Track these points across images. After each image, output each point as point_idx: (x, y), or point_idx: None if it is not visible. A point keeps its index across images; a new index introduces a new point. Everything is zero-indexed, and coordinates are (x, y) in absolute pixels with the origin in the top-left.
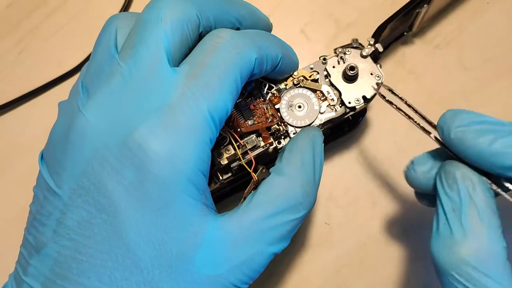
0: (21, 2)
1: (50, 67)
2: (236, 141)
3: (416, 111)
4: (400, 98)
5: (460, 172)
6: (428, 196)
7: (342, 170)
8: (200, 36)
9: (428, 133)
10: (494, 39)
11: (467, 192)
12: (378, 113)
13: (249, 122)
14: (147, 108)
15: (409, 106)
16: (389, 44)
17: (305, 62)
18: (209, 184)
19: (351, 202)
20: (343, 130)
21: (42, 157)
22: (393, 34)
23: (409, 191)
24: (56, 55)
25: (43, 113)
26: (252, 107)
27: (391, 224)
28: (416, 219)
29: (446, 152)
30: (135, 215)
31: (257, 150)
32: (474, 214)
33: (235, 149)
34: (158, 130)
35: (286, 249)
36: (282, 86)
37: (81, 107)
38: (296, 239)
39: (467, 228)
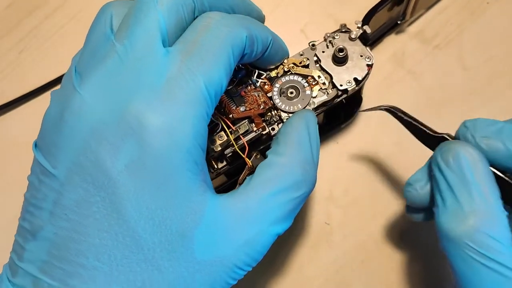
0: (21, 2)
1: (50, 67)
2: (229, 127)
3: (419, 124)
4: (405, 123)
5: (463, 149)
6: (422, 210)
7: (342, 170)
8: None
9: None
10: (494, 39)
11: (472, 166)
12: (379, 112)
13: (241, 109)
14: (144, 85)
15: (412, 121)
16: (384, 34)
17: None
18: None
19: (351, 202)
20: (339, 119)
21: (36, 145)
22: (387, 23)
23: None
24: (56, 55)
25: (43, 113)
26: (243, 93)
27: (391, 224)
28: None
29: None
30: (135, 191)
31: (250, 134)
32: (481, 185)
33: (227, 135)
34: (155, 103)
35: (286, 249)
36: (273, 74)
37: (76, 87)
38: (296, 239)
39: (476, 199)
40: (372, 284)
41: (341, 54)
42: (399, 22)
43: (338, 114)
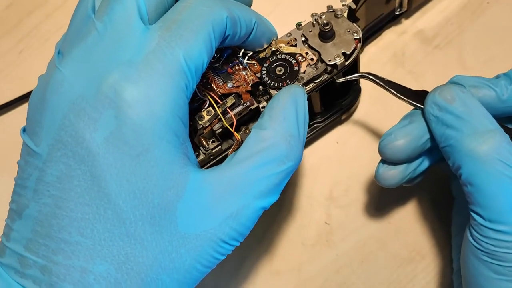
0: (21, 2)
1: None
2: (216, 102)
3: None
4: (384, 85)
5: (456, 86)
6: (398, 165)
7: (342, 170)
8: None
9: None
10: (494, 39)
11: (471, 97)
12: (379, 111)
13: (228, 85)
14: (123, 58)
15: (395, 88)
16: (383, 26)
17: None
18: (197, 155)
19: (351, 202)
20: (339, 110)
21: (24, 130)
22: (385, 15)
23: (410, 190)
24: None
25: None
26: (230, 70)
27: (391, 223)
28: (417, 219)
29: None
30: (115, 163)
31: (238, 108)
32: (484, 111)
33: (215, 109)
34: (133, 75)
35: (286, 249)
36: (261, 55)
37: (57, 65)
38: (296, 239)
39: (487, 122)
40: (372, 284)
41: (326, 27)
42: (397, 13)
43: (337, 104)
